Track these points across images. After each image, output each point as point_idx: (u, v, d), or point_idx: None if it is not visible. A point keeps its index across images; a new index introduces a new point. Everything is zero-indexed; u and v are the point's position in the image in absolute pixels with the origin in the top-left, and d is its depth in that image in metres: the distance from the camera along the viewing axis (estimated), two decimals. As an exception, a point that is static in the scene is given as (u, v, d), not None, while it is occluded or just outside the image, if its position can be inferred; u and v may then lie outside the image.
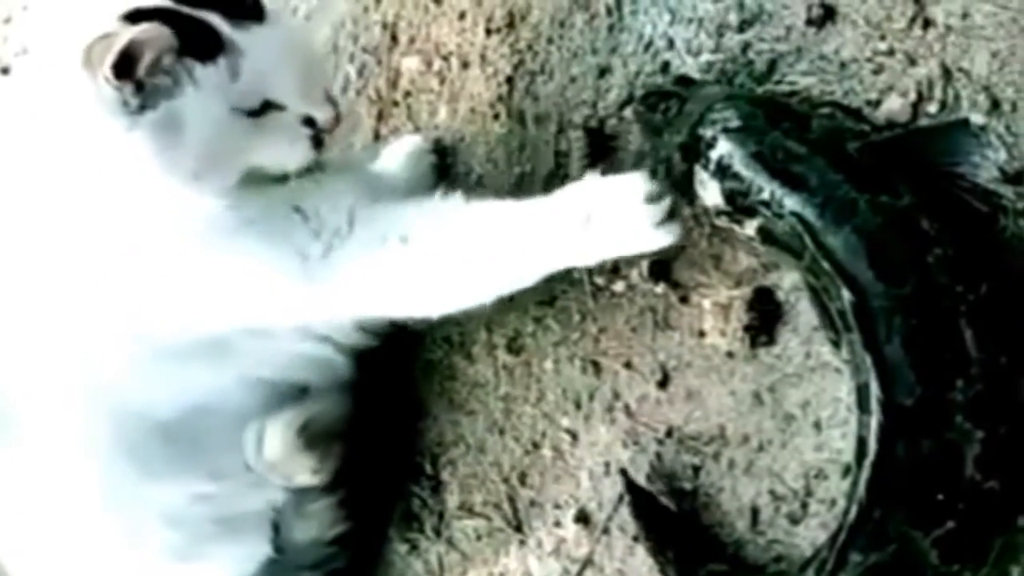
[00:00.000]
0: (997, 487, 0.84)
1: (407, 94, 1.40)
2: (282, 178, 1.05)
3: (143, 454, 1.09)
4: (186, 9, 0.97)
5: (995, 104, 0.91)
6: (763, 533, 1.03)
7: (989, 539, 0.86)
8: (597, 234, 0.98)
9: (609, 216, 0.97)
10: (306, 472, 1.17)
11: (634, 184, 0.95)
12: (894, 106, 0.97)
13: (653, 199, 0.94)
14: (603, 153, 1.18)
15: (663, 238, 0.95)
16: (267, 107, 1.01)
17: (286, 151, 1.04)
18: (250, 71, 0.98)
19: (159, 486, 1.11)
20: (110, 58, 0.91)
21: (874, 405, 0.83)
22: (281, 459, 1.16)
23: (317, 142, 1.05)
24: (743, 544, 1.04)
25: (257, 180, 1.03)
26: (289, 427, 1.15)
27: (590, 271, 1.17)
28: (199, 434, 1.12)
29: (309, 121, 1.04)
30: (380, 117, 1.43)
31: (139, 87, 0.94)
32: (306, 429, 1.16)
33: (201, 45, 0.96)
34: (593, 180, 1.00)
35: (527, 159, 1.25)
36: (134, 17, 0.95)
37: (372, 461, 1.28)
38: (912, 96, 0.96)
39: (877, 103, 0.98)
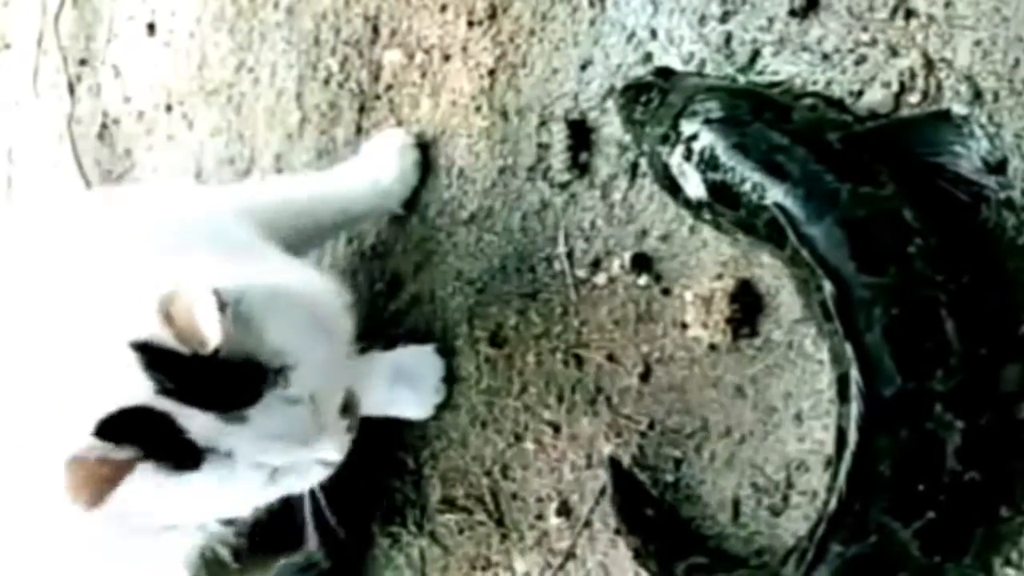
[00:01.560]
0: (978, 478, 0.84)
1: (389, 87, 1.40)
2: None
3: None
4: (168, 406, 0.90)
5: (977, 94, 0.91)
6: (745, 526, 1.03)
7: (971, 530, 0.86)
8: None
9: None
10: None
11: None
12: (876, 96, 0.97)
13: None
14: (585, 145, 1.18)
15: None
16: None
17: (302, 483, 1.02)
18: (247, 452, 0.93)
19: None
20: (86, 494, 0.87)
21: (854, 395, 0.83)
22: None
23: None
24: (725, 537, 1.04)
25: None
26: None
27: (572, 263, 1.17)
28: None
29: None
30: (362, 110, 1.42)
31: None
32: None
33: (179, 457, 0.91)
34: None
35: (509, 152, 1.24)
36: (110, 427, 0.88)
37: (354, 456, 1.27)
38: (894, 86, 0.96)
39: (859, 93, 0.98)
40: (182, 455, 0.90)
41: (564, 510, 1.15)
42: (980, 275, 0.86)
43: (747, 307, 1.03)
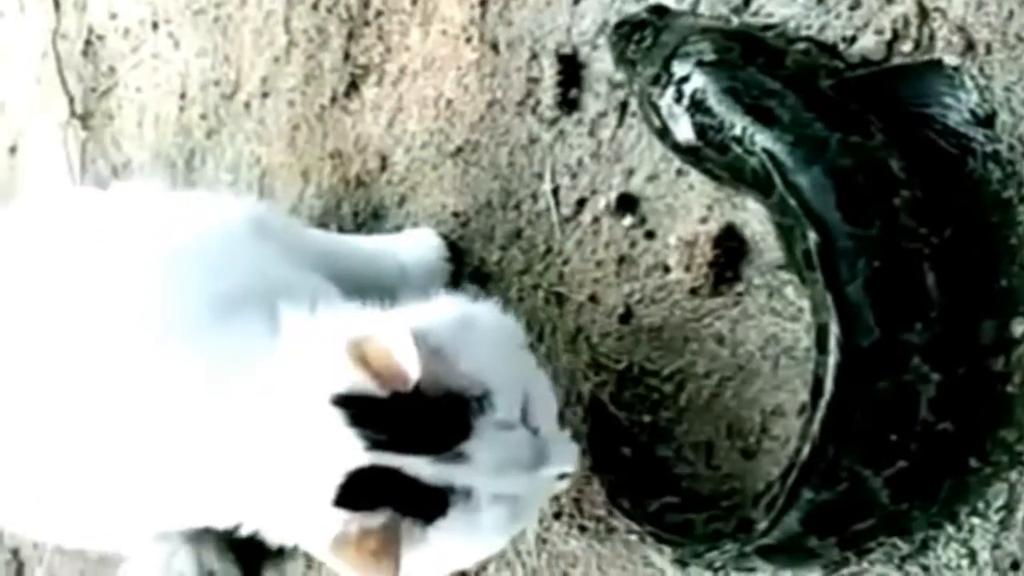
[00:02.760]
0: (951, 428, 0.85)
1: (379, 14, 1.37)
2: None
3: None
4: (385, 460, 0.88)
5: (970, 45, 0.90)
6: (717, 468, 1.04)
7: (940, 479, 0.87)
8: None
9: None
10: None
11: None
12: (869, 43, 0.96)
13: None
14: (575, 81, 1.17)
15: None
16: None
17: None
18: (484, 486, 0.90)
19: None
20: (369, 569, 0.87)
21: (832, 346, 0.83)
22: None
23: None
24: (697, 477, 1.05)
25: None
26: None
27: (557, 201, 1.17)
28: None
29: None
30: (350, 37, 1.40)
31: None
32: None
33: (427, 506, 0.90)
34: None
35: (498, 85, 1.23)
36: (351, 494, 0.88)
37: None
38: (887, 34, 0.95)
39: (852, 40, 0.97)
40: (428, 503, 0.89)
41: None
42: (963, 228, 0.87)
43: (730, 252, 1.03)
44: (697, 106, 0.92)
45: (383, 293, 1.04)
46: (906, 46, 0.94)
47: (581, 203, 1.15)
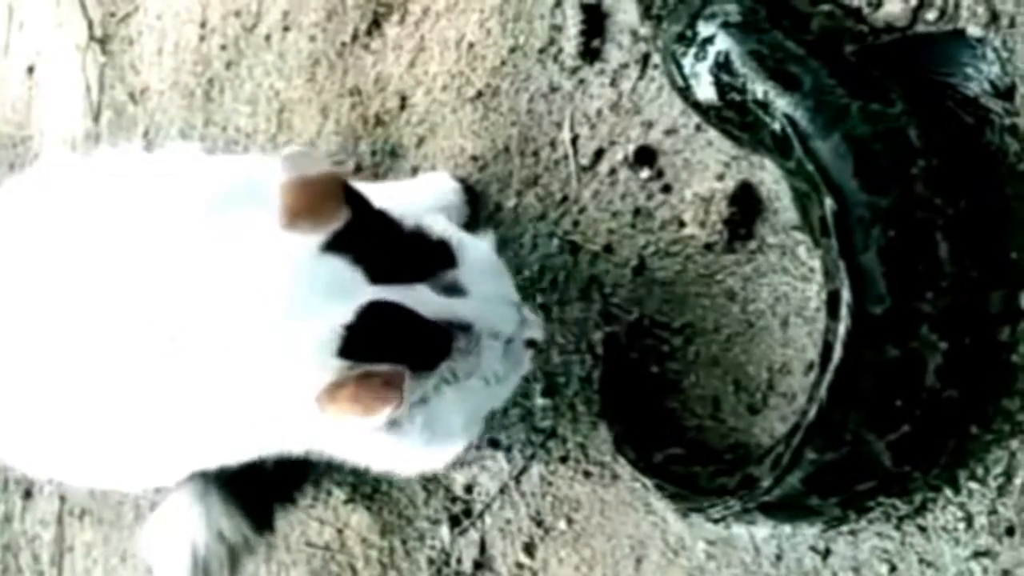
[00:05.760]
0: (955, 395, 0.86)
1: (404, -47, 1.37)
2: None
3: None
4: (389, 294, 0.91)
5: (994, 16, 0.91)
6: (723, 421, 1.06)
7: (942, 444, 0.89)
8: None
9: None
10: None
11: None
12: (895, 9, 0.96)
13: None
14: (598, 31, 1.17)
15: None
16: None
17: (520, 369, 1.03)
18: (482, 318, 0.94)
19: None
20: (356, 410, 0.88)
21: (844, 312, 0.85)
22: None
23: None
24: (703, 430, 1.07)
25: None
26: None
27: (576, 150, 1.18)
28: None
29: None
30: (374, -24, 1.40)
31: None
32: None
33: (431, 342, 0.92)
34: None
35: (521, 31, 1.23)
36: (356, 339, 0.89)
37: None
38: (913, 1, 0.95)
39: (878, 4, 0.97)
40: (432, 339, 0.91)
41: (550, 391, 1.18)
42: (977, 199, 0.88)
43: (746, 210, 1.04)
44: (720, 67, 0.93)
45: None
46: (931, 14, 0.94)
47: (599, 153, 1.16)
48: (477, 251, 0.98)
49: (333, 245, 0.91)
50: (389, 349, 0.89)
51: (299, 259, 0.91)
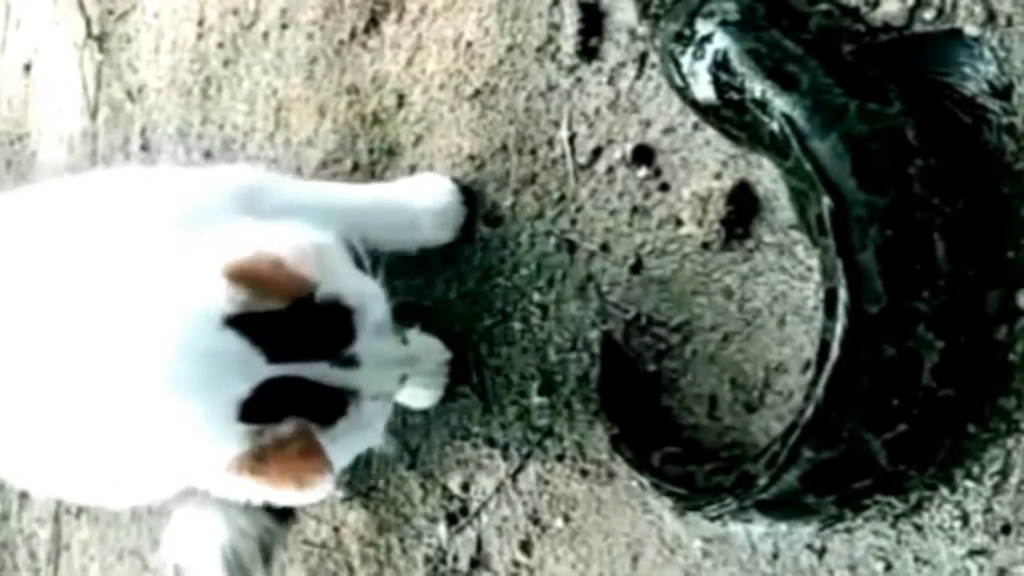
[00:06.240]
0: (952, 394, 0.87)
1: (401, -49, 1.37)
2: None
3: None
4: (286, 371, 0.93)
5: (991, 16, 0.91)
6: (719, 420, 1.06)
7: (938, 443, 0.89)
8: None
9: None
10: None
11: None
12: (892, 9, 0.96)
13: None
14: (596, 30, 1.17)
15: None
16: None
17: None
18: (370, 385, 0.98)
19: None
20: (271, 483, 0.91)
21: (841, 312, 0.85)
22: None
23: None
24: (699, 429, 1.07)
25: None
26: None
27: (573, 149, 1.18)
28: None
29: None
30: (371, -26, 1.40)
31: None
32: None
33: (330, 408, 0.96)
34: None
35: (519, 30, 1.24)
36: (258, 406, 0.91)
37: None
38: (910, 0, 0.96)
39: (875, 4, 0.97)
40: (329, 406, 0.95)
41: (546, 390, 1.18)
42: (975, 199, 0.88)
43: (743, 208, 1.04)
44: (718, 66, 0.93)
45: (395, 241, 1.06)
46: (928, 13, 0.94)
47: (597, 152, 1.16)
48: (371, 311, 0.98)
49: (236, 322, 0.91)
50: (289, 409, 0.92)
51: (201, 332, 0.91)
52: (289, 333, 0.92)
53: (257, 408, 0.91)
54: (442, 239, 1.24)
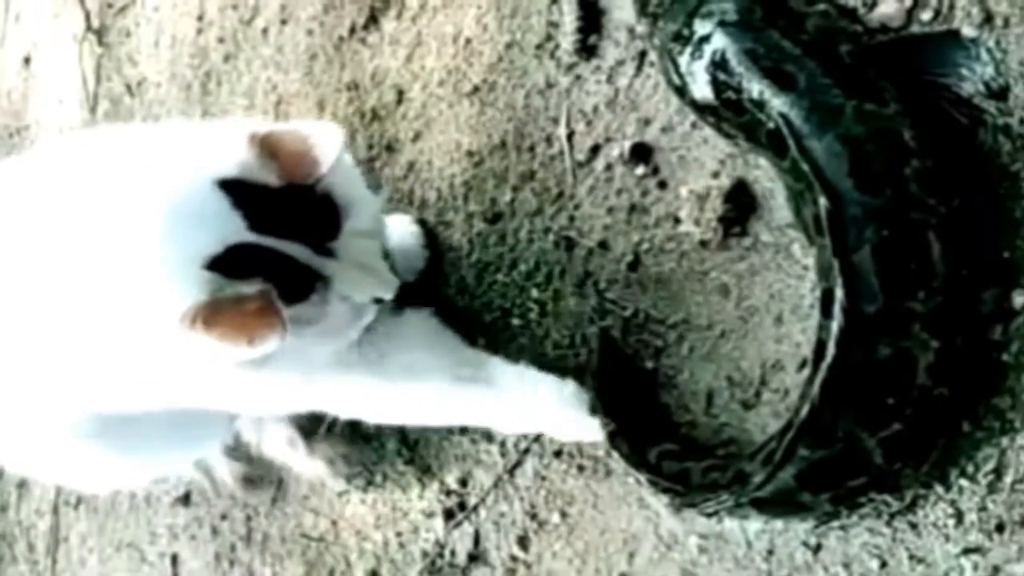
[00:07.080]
0: (946, 394, 0.87)
1: (401, -51, 1.38)
2: None
3: None
4: (276, 244, 0.95)
5: (988, 17, 0.91)
6: (716, 416, 1.07)
7: (933, 442, 0.90)
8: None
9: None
10: None
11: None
12: (889, 10, 0.97)
13: None
14: (595, 28, 1.17)
15: None
16: None
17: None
18: (342, 282, 1.00)
19: None
20: (221, 336, 0.91)
21: (837, 311, 0.85)
22: None
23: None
24: (696, 425, 1.08)
25: None
26: None
27: (571, 146, 1.18)
28: None
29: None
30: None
31: None
32: None
33: (298, 284, 0.97)
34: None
35: (518, 27, 1.24)
36: (228, 260, 0.93)
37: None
38: (907, 1, 0.96)
39: (872, 5, 0.98)
40: (299, 281, 0.97)
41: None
42: (970, 199, 0.88)
43: (740, 207, 1.05)
44: (716, 66, 0.93)
45: None
46: (926, 15, 0.95)
47: (595, 150, 1.17)
48: (361, 218, 1.01)
49: (228, 186, 0.94)
50: (256, 270, 0.94)
51: (191, 186, 0.94)
52: (279, 210, 0.95)
53: (226, 264, 0.93)
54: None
